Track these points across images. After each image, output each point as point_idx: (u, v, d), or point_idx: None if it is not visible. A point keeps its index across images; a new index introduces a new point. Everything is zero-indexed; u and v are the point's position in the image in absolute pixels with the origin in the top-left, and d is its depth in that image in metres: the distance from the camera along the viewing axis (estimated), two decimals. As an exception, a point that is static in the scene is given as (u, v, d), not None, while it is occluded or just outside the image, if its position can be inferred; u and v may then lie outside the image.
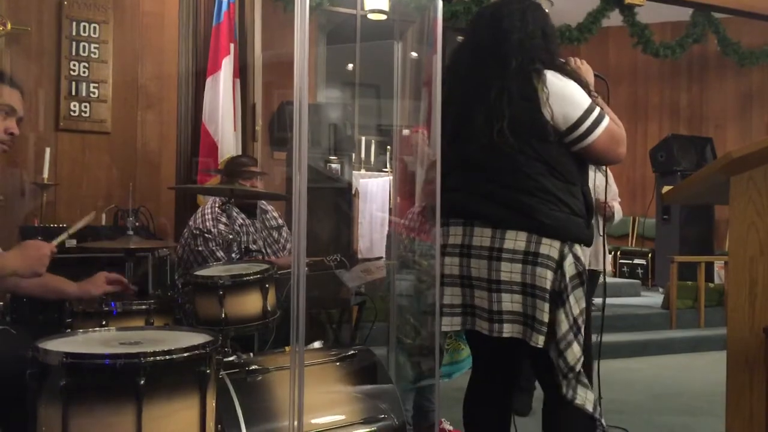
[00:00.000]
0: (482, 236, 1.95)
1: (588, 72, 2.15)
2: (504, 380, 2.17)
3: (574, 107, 1.94)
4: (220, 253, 3.27)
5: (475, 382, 2.20)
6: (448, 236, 2.03)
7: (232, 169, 3.53)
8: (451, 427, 3.12)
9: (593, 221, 2.12)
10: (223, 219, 3.33)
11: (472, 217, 1.98)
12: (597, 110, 1.96)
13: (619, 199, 3.77)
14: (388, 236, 3.12)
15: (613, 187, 3.60)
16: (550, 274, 1.90)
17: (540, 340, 1.89)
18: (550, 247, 1.91)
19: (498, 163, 1.94)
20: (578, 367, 1.92)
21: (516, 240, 1.92)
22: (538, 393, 2.18)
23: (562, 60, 2.05)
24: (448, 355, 3.05)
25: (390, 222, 3.00)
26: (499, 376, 2.16)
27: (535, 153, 1.93)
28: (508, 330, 1.92)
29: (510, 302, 1.92)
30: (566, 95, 1.94)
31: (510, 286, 1.91)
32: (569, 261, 1.92)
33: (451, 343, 3.03)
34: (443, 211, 2.05)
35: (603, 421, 1.99)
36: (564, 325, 1.90)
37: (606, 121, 1.96)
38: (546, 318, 1.89)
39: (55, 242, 2.08)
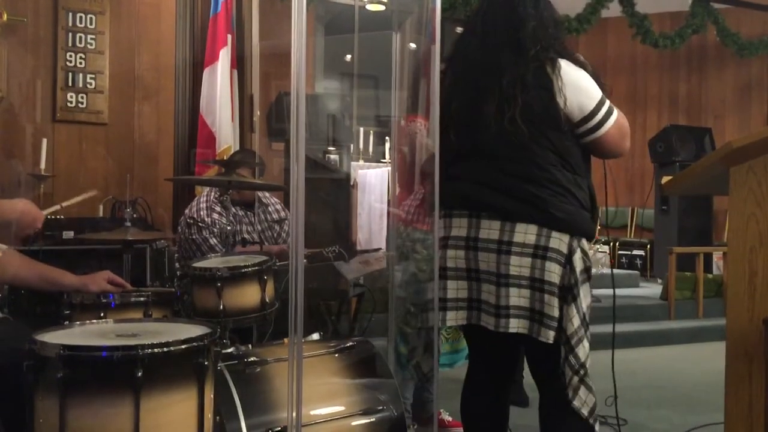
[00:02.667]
0: (490, 229, 1.89)
1: None
2: (502, 375, 2.14)
3: (588, 98, 1.91)
4: (213, 241, 3.29)
5: (472, 376, 2.17)
6: (451, 228, 1.97)
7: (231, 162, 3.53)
8: (450, 418, 3.12)
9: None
10: (218, 208, 3.36)
11: (479, 209, 1.92)
12: (608, 102, 1.94)
13: None
14: (388, 227, 3.09)
15: None
16: (559, 269, 1.86)
17: (550, 336, 1.85)
18: (559, 241, 1.87)
19: (509, 153, 1.89)
20: (588, 364, 1.88)
21: (526, 233, 1.87)
22: (530, 381, 2.16)
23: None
24: (448, 344, 3.05)
25: (389, 213, 2.97)
26: (497, 371, 2.13)
27: (548, 143, 1.88)
28: (514, 325, 1.87)
29: (518, 297, 1.86)
30: (581, 85, 1.91)
31: (518, 280, 1.86)
32: (578, 255, 1.89)
33: (451, 332, 3.03)
34: (445, 201, 1.99)
35: (597, 426, 1.93)
36: (576, 321, 1.87)
37: (616, 114, 1.95)
38: (556, 313, 1.85)
39: (45, 211, 2.09)
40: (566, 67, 1.91)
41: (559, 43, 1.97)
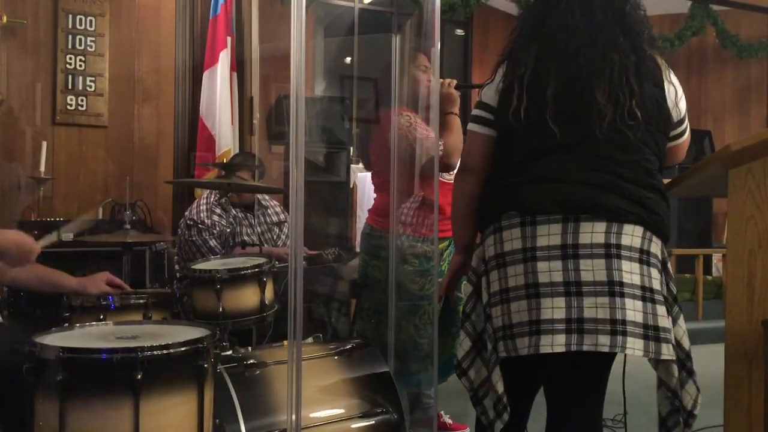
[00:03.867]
0: (594, 232, 1.61)
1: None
2: (525, 413, 1.92)
3: (683, 102, 1.75)
4: (213, 242, 3.30)
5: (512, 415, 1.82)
6: (536, 237, 1.65)
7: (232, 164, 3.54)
8: (450, 420, 3.11)
9: None
10: (218, 210, 3.37)
11: (577, 211, 1.63)
12: None
13: None
14: (365, 234, 2.98)
15: None
16: (659, 276, 1.67)
17: (671, 350, 1.62)
18: (656, 246, 1.68)
19: (618, 153, 1.64)
20: None
21: (633, 235, 1.63)
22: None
23: None
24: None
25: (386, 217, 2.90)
26: (525, 411, 1.91)
27: (655, 146, 1.68)
28: (631, 345, 1.58)
29: (632, 310, 1.60)
30: (678, 86, 1.73)
31: (632, 289, 1.60)
32: (669, 264, 1.72)
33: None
34: (523, 205, 1.68)
35: None
36: (687, 336, 1.72)
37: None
38: (668, 324, 1.64)
39: (41, 242, 2.08)
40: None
41: (650, 29, 1.74)
